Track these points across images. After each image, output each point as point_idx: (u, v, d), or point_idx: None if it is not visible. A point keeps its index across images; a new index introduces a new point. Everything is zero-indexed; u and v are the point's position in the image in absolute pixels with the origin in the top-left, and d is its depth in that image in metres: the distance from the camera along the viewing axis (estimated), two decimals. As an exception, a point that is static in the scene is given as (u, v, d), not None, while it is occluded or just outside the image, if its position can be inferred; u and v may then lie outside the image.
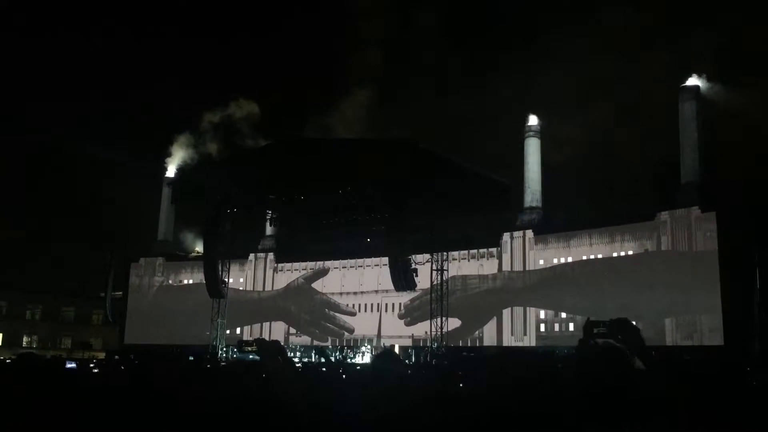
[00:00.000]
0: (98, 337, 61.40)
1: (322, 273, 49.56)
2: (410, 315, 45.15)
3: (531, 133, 44.91)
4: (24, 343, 59.66)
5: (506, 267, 43.17)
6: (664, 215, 37.46)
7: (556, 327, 40.58)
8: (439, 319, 36.56)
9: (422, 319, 42.16)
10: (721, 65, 39.13)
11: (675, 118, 39.30)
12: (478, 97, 51.95)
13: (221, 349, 41.10)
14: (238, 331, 49.08)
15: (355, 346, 44.47)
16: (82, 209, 63.97)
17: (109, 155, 48.49)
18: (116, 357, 36.81)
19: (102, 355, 47.05)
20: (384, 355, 4.69)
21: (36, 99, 66.99)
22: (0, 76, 63.26)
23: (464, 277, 43.56)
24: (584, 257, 40.07)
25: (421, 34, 58.05)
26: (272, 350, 4.62)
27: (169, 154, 55.19)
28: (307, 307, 49.48)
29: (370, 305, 47.36)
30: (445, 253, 37.16)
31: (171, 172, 54.97)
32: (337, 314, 48.51)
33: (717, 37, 38.58)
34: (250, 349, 33.06)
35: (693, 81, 39.42)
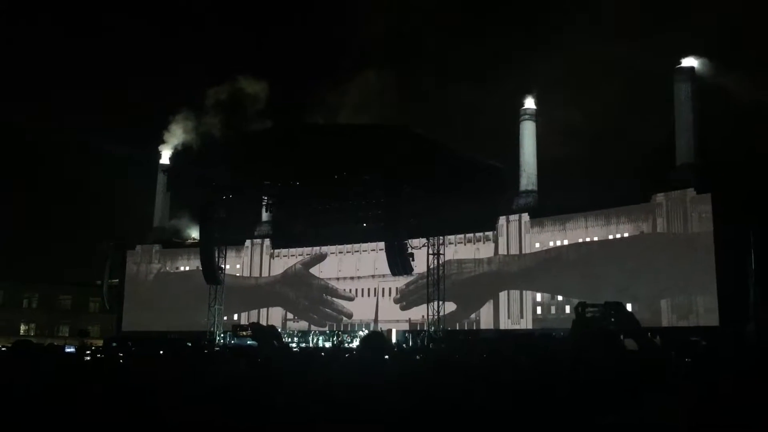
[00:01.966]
0: (96, 325, 61.46)
1: (320, 258, 49.58)
2: (405, 299, 45.26)
3: (526, 117, 44.86)
4: (21, 331, 59.71)
5: (502, 251, 43.24)
6: (660, 197, 37.52)
7: (553, 310, 40.74)
8: (435, 303, 36.65)
9: (417, 304, 42.27)
10: (717, 45, 38.98)
11: (670, 100, 39.26)
12: (474, 81, 51.66)
13: (219, 335, 41.17)
14: (235, 317, 49.14)
15: (351, 331, 44.59)
16: (78, 197, 63.83)
17: (105, 143, 48.21)
18: (114, 344, 36.82)
19: (100, 343, 47.10)
20: (369, 339, 4.68)
21: (32, 85, 66.61)
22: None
23: (459, 261, 43.65)
24: (580, 240, 40.17)
25: (421, 19, 57.43)
26: (267, 334, 4.64)
27: (164, 139, 54.59)
28: (305, 293, 49.56)
29: (367, 290, 47.44)
30: (441, 238, 37.20)
31: (166, 158, 54.70)
32: (335, 299, 48.61)
33: (713, 17, 38.36)
34: (245, 333, 33.10)
35: (688, 62, 39.32)
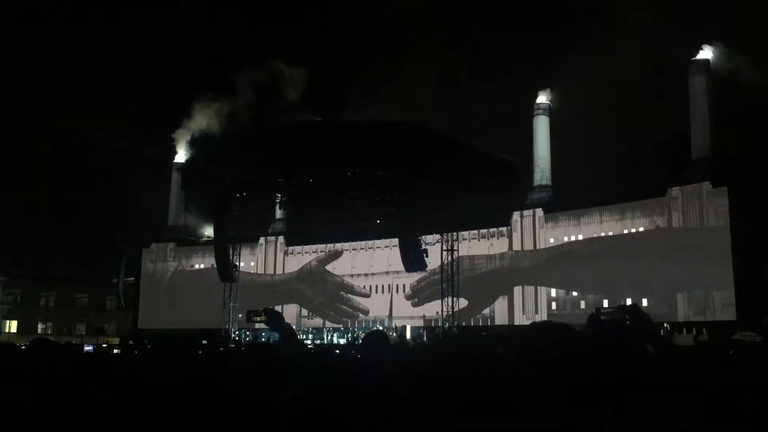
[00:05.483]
0: (112, 323, 61.92)
1: (336, 255, 49.64)
2: (417, 296, 45.25)
3: (540, 111, 44.68)
4: (39, 329, 60.27)
5: (516, 246, 43.10)
6: (675, 191, 37.28)
7: (568, 305, 40.59)
8: (450, 299, 36.60)
9: (429, 300, 42.33)
10: (733, 36, 38.53)
11: (686, 93, 38.94)
12: (486, 75, 51.34)
13: (234, 333, 41.34)
14: (250, 314, 49.30)
15: (366, 328, 44.55)
16: (93, 196, 64.12)
17: (120, 141, 48.34)
18: (130, 342, 37.09)
19: (116, 341, 47.43)
20: (371, 337, 4.68)
21: (52, 80, 66.65)
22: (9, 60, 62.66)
23: (472, 257, 43.53)
24: (594, 235, 39.97)
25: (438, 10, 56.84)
26: (281, 320, 4.68)
27: (183, 126, 54.71)
28: (321, 290, 49.64)
29: (381, 286, 47.47)
30: (455, 234, 37.11)
31: (180, 156, 54.97)
32: (351, 296, 48.65)
33: (730, 8, 37.92)
34: (259, 319, 34.03)
35: (703, 55, 39.00)
